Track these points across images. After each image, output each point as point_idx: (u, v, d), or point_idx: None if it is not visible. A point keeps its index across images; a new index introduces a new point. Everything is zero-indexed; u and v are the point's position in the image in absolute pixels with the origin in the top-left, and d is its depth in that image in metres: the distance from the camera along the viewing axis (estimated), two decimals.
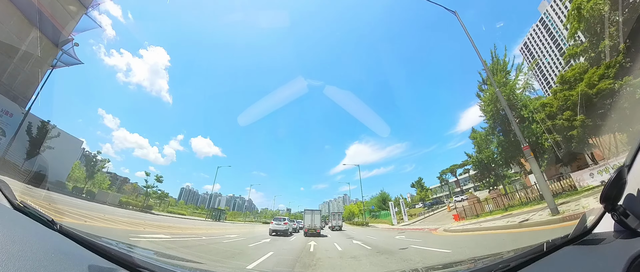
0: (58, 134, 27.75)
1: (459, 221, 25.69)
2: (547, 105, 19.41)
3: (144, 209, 35.86)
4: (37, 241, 0.96)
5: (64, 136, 29.31)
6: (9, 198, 1.28)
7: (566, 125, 17.74)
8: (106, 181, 41.76)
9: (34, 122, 25.88)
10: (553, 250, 1.41)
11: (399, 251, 9.94)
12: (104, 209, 23.81)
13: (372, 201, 63.46)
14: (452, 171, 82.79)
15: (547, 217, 10.66)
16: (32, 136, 25.34)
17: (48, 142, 27.17)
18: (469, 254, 8.22)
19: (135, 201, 37.45)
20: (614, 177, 1.21)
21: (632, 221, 1.17)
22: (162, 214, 35.44)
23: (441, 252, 9.08)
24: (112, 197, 33.73)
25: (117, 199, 35.05)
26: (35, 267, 0.80)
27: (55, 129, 27.68)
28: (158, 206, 46.29)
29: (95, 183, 37.50)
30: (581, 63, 19.48)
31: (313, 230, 23.08)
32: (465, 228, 16.25)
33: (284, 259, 9.08)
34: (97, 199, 30.30)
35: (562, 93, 18.39)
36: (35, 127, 25.82)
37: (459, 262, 3.08)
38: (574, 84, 18.12)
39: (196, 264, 3.04)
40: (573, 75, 18.34)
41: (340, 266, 7.57)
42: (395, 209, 45.82)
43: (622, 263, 0.98)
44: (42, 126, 26.56)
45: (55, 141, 27.63)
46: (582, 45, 19.92)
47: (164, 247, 8.63)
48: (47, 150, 27.34)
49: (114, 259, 1.24)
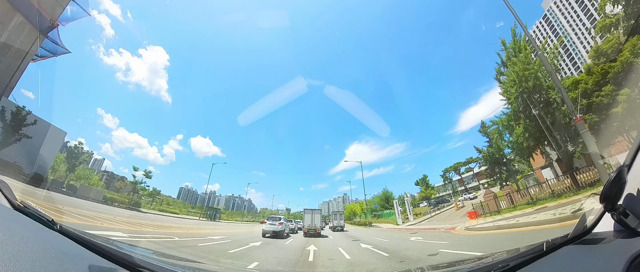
0: (34, 122, 25.21)
1: (476, 219, 23.38)
2: (581, 82, 17.08)
3: (131, 206, 33.41)
4: (37, 241, 0.96)
5: (43, 125, 26.86)
6: (9, 198, 1.28)
7: (605, 103, 15.41)
8: (93, 176, 39.29)
9: (7, 106, 23.49)
10: (553, 249, 1.41)
11: (429, 258, 7.64)
12: (81, 204, 21.53)
13: (375, 200, 60.94)
14: (456, 169, 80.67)
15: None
16: (5, 122, 22.93)
17: (25, 130, 24.75)
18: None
19: (121, 198, 34.93)
20: (613, 176, 1.22)
21: (631, 220, 1.17)
22: (150, 212, 32.96)
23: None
24: (95, 193, 31.21)
25: (101, 194, 32.48)
26: (35, 267, 0.80)
27: (31, 115, 25.17)
28: (150, 203, 43.76)
29: (79, 177, 34.85)
30: (616, 33, 17.21)
31: (313, 230, 22.19)
32: (498, 225, 13.87)
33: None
34: (78, 193, 27.87)
35: (600, 67, 16.06)
36: (8, 112, 23.41)
37: (459, 261, 3.07)
38: (611, 55, 15.82)
39: (197, 264, 3.05)
40: (610, 47, 16.04)
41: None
42: (400, 208, 43.42)
43: (622, 263, 0.98)
44: (17, 112, 24.11)
45: (33, 130, 25.18)
46: (616, 16, 17.65)
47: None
48: (24, 139, 24.93)
49: (114, 259, 1.24)
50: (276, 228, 17.60)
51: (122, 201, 34.29)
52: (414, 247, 10.82)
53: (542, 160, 35.37)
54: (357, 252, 10.12)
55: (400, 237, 17.11)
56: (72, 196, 26.91)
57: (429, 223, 34.62)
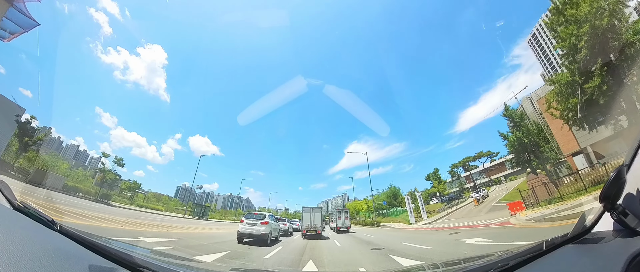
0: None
1: (524, 211, 18.75)
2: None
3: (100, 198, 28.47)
4: (37, 241, 0.95)
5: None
6: (8, 198, 1.28)
7: None
8: (62, 163, 34.14)
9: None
10: (552, 249, 1.41)
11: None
12: (31, 190, 17.21)
13: (381, 197, 56.07)
14: (464, 164, 76.41)
15: None
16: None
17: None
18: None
19: (87, 187, 29.85)
20: (613, 176, 1.23)
21: (631, 220, 1.17)
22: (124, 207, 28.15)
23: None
24: (53, 179, 26.09)
25: (61, 182, 27.47)
26: (35, 267, 0.79)
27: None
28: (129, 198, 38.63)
29: (47, 165, 29.57)
30: None
31: (313, 231, 19.66)
32: (566, 215, 9.11)
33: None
34: (32, 179, 22.93)
35: None
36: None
37: (459, 261, 2.84)
38: None
39: (197, 264, 3.04)
40: None
41: None
42: (412, 206, 38.65)
43: (621, 262, 0.97)
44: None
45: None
46: None
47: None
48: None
49: (114, 259, 1.23)
50: (257, 230, 11.90)
51: (88, 191, 29.44)
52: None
53: (572, 144, 31.42)
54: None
55: (444, 241, 12.23)
56: (20, 181, 21.91)
57: (449, 221, 29.94)
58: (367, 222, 45.05)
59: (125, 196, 38.81)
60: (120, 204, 31.53)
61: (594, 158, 25.72)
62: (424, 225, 30.86)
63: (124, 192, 39.62)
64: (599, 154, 25.13)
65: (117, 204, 30.71)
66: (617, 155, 19.27)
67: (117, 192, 36.50)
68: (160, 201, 55.77)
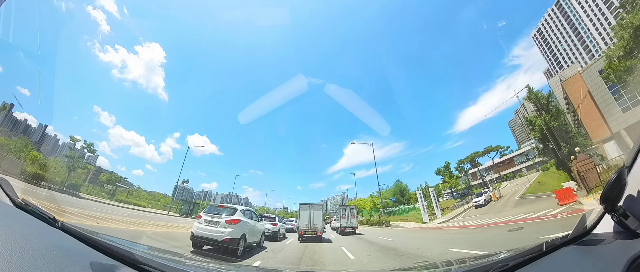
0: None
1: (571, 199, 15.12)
2: None
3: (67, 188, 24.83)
4: (38, 238, 0.96)
5: None
6: (10, 196, 1.27)
7: None
8: (28, 146, 30.23)
9: None
10: (552, 250, 1.40)
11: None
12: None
13: (388, 193, 52.30)
14: (472, 160, 72.85)
15: None
16: None
17: None
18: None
19: (52, 176, 26.08)
20: (614, 178, 1.22)
21: (631, 222, 1.16)
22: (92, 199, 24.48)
23: None
24: (9, 163, 22.47)
25: (19, 167, 23.81)
26: (37, 265, 0.80)
27: None
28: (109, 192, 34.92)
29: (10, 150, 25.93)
30: None
31: (312, 232, 16.16)
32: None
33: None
34: None
35: None
36: None
37: (458, 260, 2.85)
38: None
39: (198, 262, 3.02)
40: None
41: None
42: (424, 202, 34.91)
43: (621, 264, 0.97)
44: None
45: None
46: None
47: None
48: None
49: (115, 256, 1.23)
50: (219, 232, 7.50)
51: (53, 179, 25.85)
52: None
53: (602, 130, 28.27)
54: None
55: (522, 241, 8.67)
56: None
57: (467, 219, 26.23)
58: (372, 222, 41.11)
59: (106, 191, 35.08)
60: (94, 196, 27.84)
61: (630, 141, 22.76)
62: (441, 224, 27.08)
63: (105, 186, 35.90)
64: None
65: (88, 196, 27.06)
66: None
67: (94, 185, 32.82)
68: (154, 198, 52.36)
